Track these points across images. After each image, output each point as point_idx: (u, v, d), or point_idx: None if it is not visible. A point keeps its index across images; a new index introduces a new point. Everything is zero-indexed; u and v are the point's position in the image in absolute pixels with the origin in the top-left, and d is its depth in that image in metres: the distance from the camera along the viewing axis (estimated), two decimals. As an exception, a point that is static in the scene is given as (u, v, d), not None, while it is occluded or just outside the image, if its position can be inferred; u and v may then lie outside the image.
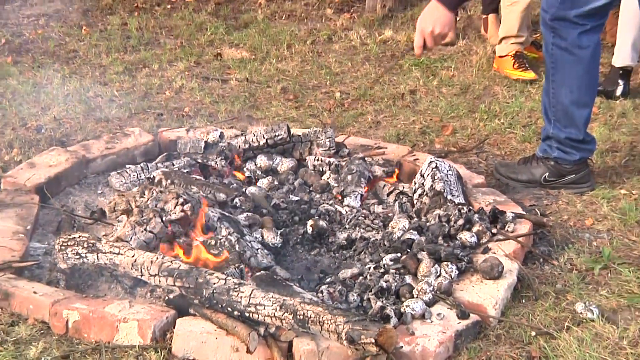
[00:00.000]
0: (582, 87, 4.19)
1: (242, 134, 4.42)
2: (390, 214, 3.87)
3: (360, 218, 3.87)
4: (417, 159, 4.38)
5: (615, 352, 3.06)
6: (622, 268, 3.61)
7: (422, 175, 4.02)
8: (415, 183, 4.05)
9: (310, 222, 3.75)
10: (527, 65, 5.88)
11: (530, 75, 5.83)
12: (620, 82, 5.48)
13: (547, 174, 4.29)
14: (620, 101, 5.40)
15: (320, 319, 2.86)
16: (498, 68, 6.00)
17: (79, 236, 3.42)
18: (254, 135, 4.35)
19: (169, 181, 3.82)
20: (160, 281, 3.18)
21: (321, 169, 4.24)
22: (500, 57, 5.97)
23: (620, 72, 5.48)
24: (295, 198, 4.03)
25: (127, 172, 4.11)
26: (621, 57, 5.48)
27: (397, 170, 4.33)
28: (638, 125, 5.05)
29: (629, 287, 3.48)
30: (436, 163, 4.04)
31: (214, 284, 3.06)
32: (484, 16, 6.66)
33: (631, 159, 4.62)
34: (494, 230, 3.71)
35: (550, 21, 4.11)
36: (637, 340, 3.13)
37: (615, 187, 4.32)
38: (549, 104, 4.25)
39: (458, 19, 6.66)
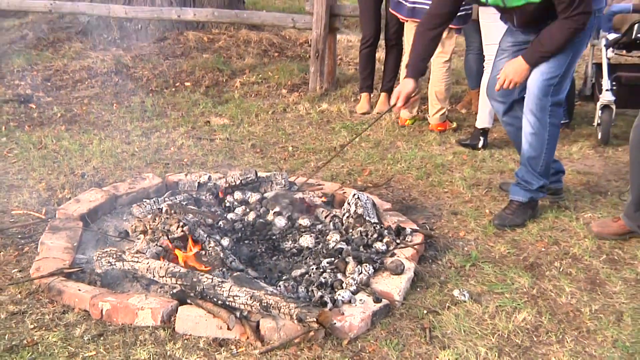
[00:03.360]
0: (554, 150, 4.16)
1: (224, 177, 4.40)
2: (326, 231, 3.86)
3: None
4: (345, 192, 4.37)
5: (480, 323, 3.09)
6: (484, 265, 3.64)
7: (348, 203, 4.02)
8: (344, 209, 4.05)
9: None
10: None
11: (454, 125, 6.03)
12: (481, 138, 5.52)
13: None
14: (481, 151, 5.45)
15: (279, 305, 2.86)
16: (439, 126, 5.97)
17: (110, 250, 3.40)
18: (232, 178, 4.33)
19: (172, 210, 3.79)
20: (166, 281, 3.15)
21: (278, 201, 4.20)
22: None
23: (481, 131, 5.53)
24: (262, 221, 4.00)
25: (144, 205, 4.06)
26: (481, 120, 5.51)
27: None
28: (493, 167, 5.11)
29: (489, 278, 3.52)
30: (358, 195, 4.04)
31: (204, 282, 3.04)
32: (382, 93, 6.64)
33: (489, 190, 4.68)
34: (398, 241, 3.72)
35: (550, 106, 3.94)
36: (494, 314, 3.17)
37: (480, 210, 4.36)
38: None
39: (372, 95, 6.68)
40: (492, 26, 5.12)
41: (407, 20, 5.81)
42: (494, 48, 4.52)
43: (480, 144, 5.52)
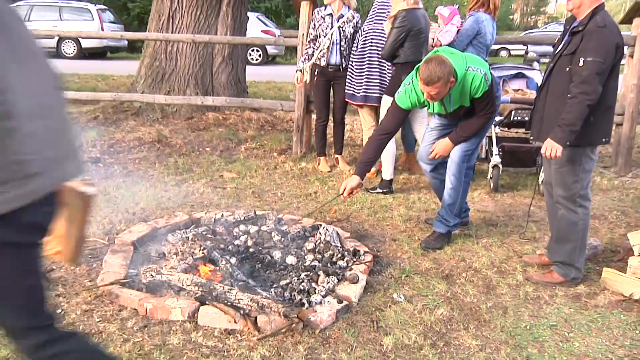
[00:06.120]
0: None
1: (232, 214, 4.40)
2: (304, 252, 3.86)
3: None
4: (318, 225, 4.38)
5: (411, 317, 3.11)
6: (414, 276, 3.67)
7: (320, 233, 4.04)
8: (316, 237, 4.06)
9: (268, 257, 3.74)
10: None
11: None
12: (391, 186, 5.51)
13: None
14: (412, 195, 5.44)
15: (271, 305, 2.86)
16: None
17: (152, 266, 3.37)
18: (238, 215, 4.33)
19: (196, 238, 3.78)
20: (192, 288, 3.13)
21: (271, 232, 4.21)
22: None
23: (388, 180, 5.49)
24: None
25: (176, 234, 4.04)
26: (387, 173, 5.48)
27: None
28: (421, 207, 5.13)
29: (418, 285, 3.54)
30: (326, 227, 4.07)
31: (218, 289, 3.03)
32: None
33: (418, 223, 4.72)
34: (355, 259, 3.73)
35: (465, 169, 4.05)
36: (421, 310, 3.19)
37: (411, 238, 4.40)
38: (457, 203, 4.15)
39: (329, 157, 6.70)
40: (418, 117, 5.32)
41: (362, 106, 5.80)
42: (422, 127, 4.67)
43: (388, 190, 5.47)
